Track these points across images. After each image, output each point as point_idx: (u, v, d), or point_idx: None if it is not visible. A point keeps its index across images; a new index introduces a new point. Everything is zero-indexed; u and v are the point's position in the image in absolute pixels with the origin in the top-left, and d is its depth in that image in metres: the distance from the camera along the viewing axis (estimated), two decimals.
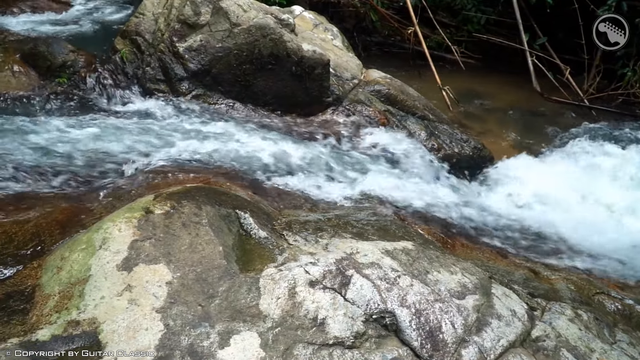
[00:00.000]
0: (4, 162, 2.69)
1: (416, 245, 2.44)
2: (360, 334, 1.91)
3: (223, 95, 3.75)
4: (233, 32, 3.66)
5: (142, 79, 3.67)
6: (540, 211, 3.47)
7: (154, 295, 1.87)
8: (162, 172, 2.80)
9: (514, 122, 5.20)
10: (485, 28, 6.52)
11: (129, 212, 2.19)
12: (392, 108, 4.18)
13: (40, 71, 3.45)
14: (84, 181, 2.69)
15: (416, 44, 5.68)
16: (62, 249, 2.11)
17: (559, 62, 5.74)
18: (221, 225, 2.24)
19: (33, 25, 4.26)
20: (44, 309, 1.86)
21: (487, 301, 2.20)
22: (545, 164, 4.12)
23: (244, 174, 3.01)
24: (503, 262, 2.92)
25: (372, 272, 2.10)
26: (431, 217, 3.15)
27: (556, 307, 2.44)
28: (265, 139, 3.39)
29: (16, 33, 3.86)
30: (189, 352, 1.72)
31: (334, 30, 4.86)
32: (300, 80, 3.80)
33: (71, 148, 2.93)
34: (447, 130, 4.23)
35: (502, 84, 5.95)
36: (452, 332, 1.99)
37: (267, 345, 1.79)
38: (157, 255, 2.01)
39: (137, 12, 3.88)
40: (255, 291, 1.96)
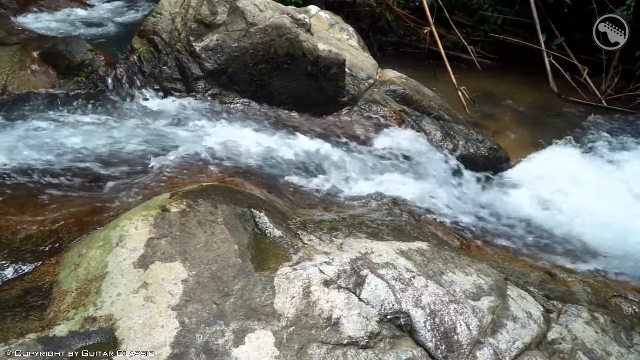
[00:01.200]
0: (22, 160, 2.73)
1: (431, 245, 2.43)
2: (375, 334, 1.90)
3: (239, 95, 3.76)
4: (249, 31, 3.67)
5: (159, 78, 3.70)
6: (556, 212, 3.44)
7: (169, 292, 1.89)
8: (178, 170, 2.82)
9: (531, 123, 5.15)
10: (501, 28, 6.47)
11: (145, 210, 2.21)
12: (407, 108, 4.16)
13: (59, 70, 3.49)
14: (100, 179, 2.72)
15: (432, 43, 5.65)
16: (79, 246, 2.13)
17: (576, 63, 5.67)
18: (236, 224, 2.25)
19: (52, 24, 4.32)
20: (61, 305, 1.89)
21: (502, 303, 2.18)
22: (562, 165, 4.08)
23: (259, 173, 3.02)
24: (518, 264, 2.89)
25: (387, 272, 2.10)
26: (446, 217, 3.13)
27: (572, 309, 2.41)
28: (280, 139, 3.40)
29: (35, 32, 3.91)
30: (204, 349, 1.73)
31: (350, 29, 4.85)
32: (315, 79, 3.81)
33: (88, 146, 2.96)
34: (462, 130, 4.20)
35: (519, 84, 5.90)
36: (467, 333, 1.98)
37: (281, 344, 1.79)
38: (173, 253, 2.02)
39: (155, 12, 3.91)
40: (269, 290, 1.96)
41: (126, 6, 4.94)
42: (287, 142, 3.38)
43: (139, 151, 2.97)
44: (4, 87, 3.29)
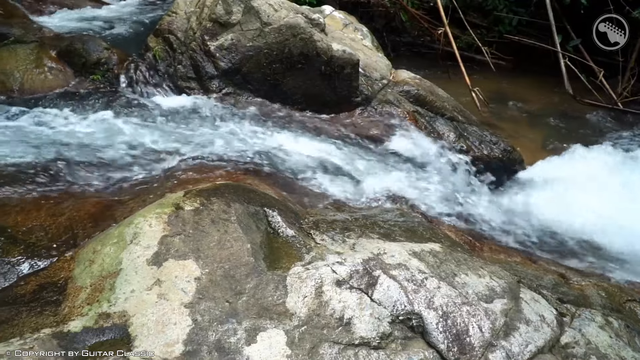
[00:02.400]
0: (38, 156, 2.76)
1: (444, 247, 2.43)
2: (387, 335, 1.90)
3: (252, 94, 3.77)
4: (264, 31, 3.68)
5: (174, 77, 3.72)
6: (570, 215, 3.41)
7: (182, 290, 1.90)
8: (192, 168, 2.84)
9: (545, 125, 5.12)
10: (516, 29, 6.44)
11: (159, 207, 2.23)
12: (421, 109, 4.15)
13: (76, 68, 3.53)
14: (115, 176, 2.74)
15: (446, 44, 5.64)
16: (94, 242, 2.15)
17: (592, 65, 5.63)
18: (249, 223, 2.26)
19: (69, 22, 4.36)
20: (76, 300, 1.90)
21: (515, 305, 2.17)
22: (576, 167, 4.05)
23: (272, 172, 3.03)
24: (532, 267, 2.88)
25: (399, 273, 2.10)
26: (459, 219, 3.12)
27: (586, 313, 2.39)
28: (293, 138, 3.41)
29: (52, 30, 3.95)
30: (216, 347, 1.74)
31: (364, 30, 4.85)
32: (329, 79, 3.81)
33: (103, 143, 2.98)
34: (476, 132, 4.18)
35: (533, 86, 5.87)
36: (480, 335, 1.97)
37: (293, 343, 1.80)
38: (187, 251, 2.03)
39: (170, 11, 3.93)
40: (282, 289, 1.97)
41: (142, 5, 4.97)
42: (299, 141, 3.39)
43: (153, 149, 2.99)
44: (21, 84, 3.32)
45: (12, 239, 2.14)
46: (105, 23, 4.40)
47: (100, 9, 4.83)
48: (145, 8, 4.89)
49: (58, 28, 4.09)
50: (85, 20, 4.45)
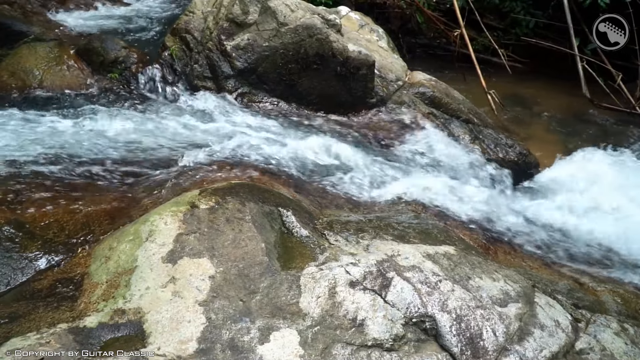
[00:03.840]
0: (56, 153, 2.79)
1: (458, 250, 2.41)
2: (400, 337, 1.90)
3: (268, 94, 3.79)
4: (280, 31, 3.70)
5: (190, 76, 3.75)
6: (587, 220, 3.37)
7: (197, 288, 1.91)
8: (207, 167, 2.85)
9: (562, 129, 5.07)
10: (533, 32, 6.38)
11: (175, 206, 2.24)
12: (436, 111, 4.13)
13: (94, 66, 3.57)
14: (131, 174, 2.77)
15: (462, 46, 5.60)
16: (110, 239, 2.17)
17: (610, 68, 5.55)
18: (264, 222, 2.26)
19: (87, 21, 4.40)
20: (91, 296, 1.93)
21: (529, 310, 2.15)
22: (593, 172, 4.00)
23: (287, 172, 3.03)
24: (546, 271, 2.85)
25: (413, 276, 2.09)
26: (473, 222, 3.10)
27: (601, 319, 2.37)
28: (308, 138, 3.41)
29: (71, 29, 3.99)
30: (229, 346, 1.75)
31: (380, 31, 4.84)
32: (344, 80, 3.81)
33: (120, 141, 3.01)
34: (491, 134, 4.16)
35: (550, 89, 5.81)
36: (493, 339, 1.96)
37: (306, 344, 1.80)
38: (201, 250, 2.05)
39: (187, 10, 3.96)
40: (295, 289, 1.97)
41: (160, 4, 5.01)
42: (314, 141, 3.39)
43: (168, 147, 3.02)
44: (40, 82, 3.37)
45: (30, 234, 2.17)
46: (123, 22, 4.44)
47: (118, 8, 4.88)
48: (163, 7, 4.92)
49: (77, 27, 4.14)
50: (104, 19, 4.49)
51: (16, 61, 3.46)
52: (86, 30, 4.05)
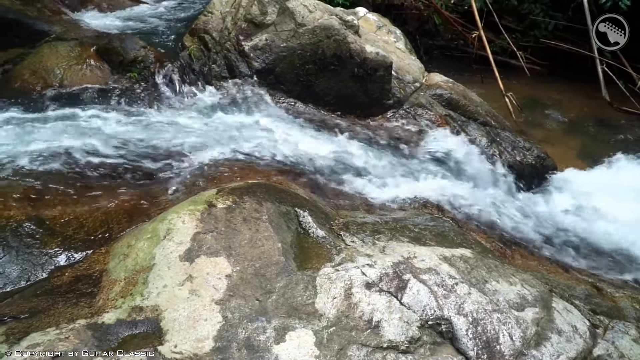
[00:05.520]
0: (76, 151, 2.82)
1: (474, 253, 2.40)
2: (415, 340, 1.89)
3: (285, 94, 3.79)
4: (298, 32, 3.70)
5: (208, 76, 3.77)
6: (605, 225, 3.34)
7: (213, 287, 1.92)
8: (225, 167, 2.87)
9: (580, 132, 5.02)
10: (553, 34, 6.33)
11: (192, 204, 2.26)
12: (453, 113, 4.11)
13: (113, 65, 3.60)
14: (150, 172, 2.79)
15: (480, 48, 5.57)
16: (128, 237, 2.19)
17: (630, 71, 5.49)
18: (280, 222, 2.27)
19: (107, 21, 4.45)
20: (110, 293, 1.95)
21: (547, 315, 2.14)
22: (612, 176, 3.96)
23: (303, 172, 3.04)
24: (564, 276, 2.82)
25: (429, 278, 2.09)
26: (490, 225, 3.08)
27: (620, 326, 2.34)
28: (324, 139, 3.42)
29: (92, 28, 4.03)
30: (245, 345, 1.76)
31: (397, 32, 4.83)
32: (361, 81, 3.80)
33: (139, 140, 3.03)
34: (509, 137, 4.13)
35: (569, 92, 5.76)
36: (510, 344, 1.94)
37: (321, 344, 1.80)
38: (218, 249, 2.06)
39: (206, 11, 3.98)
40: (311, 289, 1.98)
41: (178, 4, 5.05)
42: (331, 142, 3.39)
43: (186, 147, 3.03)
44: (61, 80, 3.40)
45: (50, 231, 2.20)
46: (142, 22, 4.47)
47: (138, 7, 4.92)
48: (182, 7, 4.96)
49: (97, 26, 4.18)
50: (123, 19, 4.53)
51: (38, 60, 3.50)
52: (106, 30, 4.09)
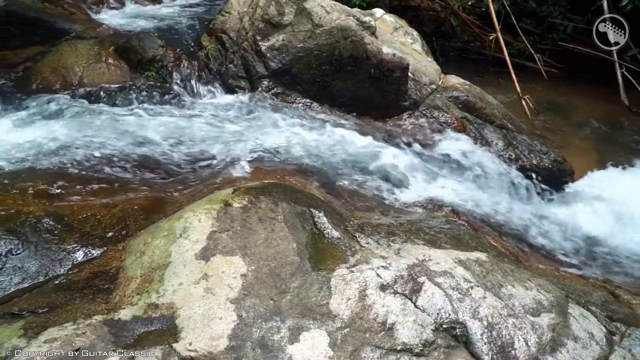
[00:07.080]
0: (95, 149, 2.85)
1: (490, 257, 2.39)
2: (429, 343, 1.89)
3: (301, 95, 3.80)
4: (315, 32, 3.71)
5: (225, 76, 3.79)
6: (623, 230, 3.30)
7: (228, 286, 1.93)
8: (241, 166, 2.88)
9: (598, 136, 4.97)
10: (571, 37, 6.27)
11: (208, 203, 2.27)
12: (469, 115, 4.09)
13: (132, 64, 3.63)
14: (167, 171, 2.81)
15: (497, 50, 5.53)
16: (145, 234, 2.21)
17: None
18: (296, 223, 2.27)
19: (126, 20, 4.49)
20: (126, 290, 1.96)
21: (563, 321, 2.12)
22: (630, 181, 3.92)
23: (319, 173, 3.04)
24: (580, 282, 2.80)
25: (444, 281, 2.08)
26: (505, 229, 3.07)
27: (637, 333, 2.31)
28: (340, 140, 3.41)
29: (111, 27, 4.08)
30: (259, 344, 1.76)
31: (414, 34, 4.82)
32: (378, 82, 3.80)
33: (156, 139, 3.06)
34: (525, 141, 4.10)
35: (587, 95, 5.70)
36: (525, 349, 1.93)
37: (335, 345, 1.80)
38: (234, 248, 2.07)
39: (224, 11, 4.01)
40: (326, 290, 1.98)
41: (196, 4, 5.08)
42: (347, 143, 3.39)
43: (203, 146, 3.05)
44: (80, 78, 3.44)
45: (68, 227, 2.22)
46: (161, 21, 4.51)
47: (156, 6, 4.96)
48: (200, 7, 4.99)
49: (116, 25, 4.22)
50: (142, 18, 4.57)
51: (57, 58, 3.55)
52: (125, 29, 4.13)
